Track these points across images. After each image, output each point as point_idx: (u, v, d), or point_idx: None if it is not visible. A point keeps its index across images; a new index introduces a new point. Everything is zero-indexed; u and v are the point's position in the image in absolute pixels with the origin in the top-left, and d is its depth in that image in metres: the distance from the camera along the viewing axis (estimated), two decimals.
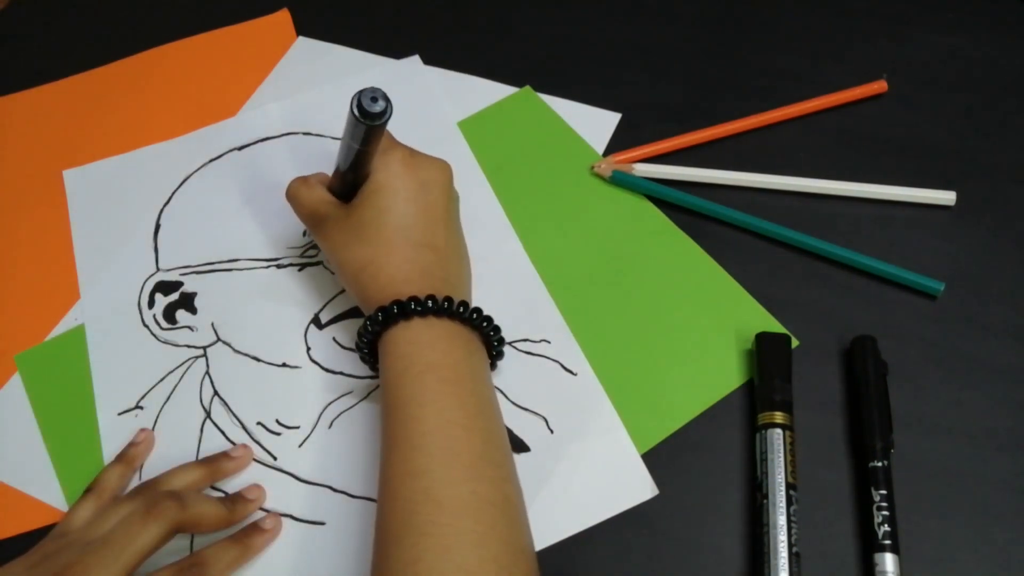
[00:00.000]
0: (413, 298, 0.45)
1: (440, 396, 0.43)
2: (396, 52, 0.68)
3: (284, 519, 0.49)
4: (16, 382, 0.55)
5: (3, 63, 0.73)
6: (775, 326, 0.52)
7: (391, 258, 0.48)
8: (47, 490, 0.51)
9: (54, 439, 0.53)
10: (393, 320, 0.45)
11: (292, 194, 0.53)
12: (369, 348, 0.48)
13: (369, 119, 0.44)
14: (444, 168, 0.51)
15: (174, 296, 0.57)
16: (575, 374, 0.52)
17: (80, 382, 0.55)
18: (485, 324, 0.47)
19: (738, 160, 0.59)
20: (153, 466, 0.51)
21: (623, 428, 0.50)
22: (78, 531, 0.45)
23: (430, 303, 0.45)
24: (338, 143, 0.62)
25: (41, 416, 0.54)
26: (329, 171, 0.53)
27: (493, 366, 0.50)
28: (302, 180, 0.53)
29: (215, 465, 0.50)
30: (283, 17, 0.72)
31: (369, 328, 0.46)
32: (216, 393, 0.53)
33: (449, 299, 0.46)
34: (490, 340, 0.48)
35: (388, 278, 0.47)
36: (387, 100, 0.44)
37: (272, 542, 0.48)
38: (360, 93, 0.43)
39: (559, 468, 0.49)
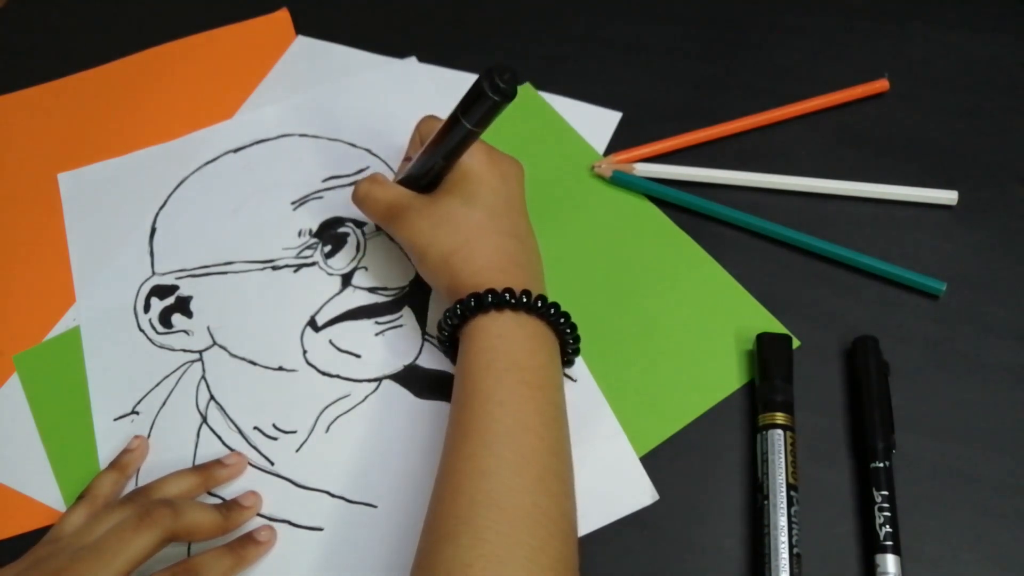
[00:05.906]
0: (508, 289, 0.45)
1: (520, 399, 0.42)
2: (395, 51, 0.68)
3: (281, 525, 0.48)
4: (14, 383, 0.55)
5: None
6: (776, 326, 0.52)
7: (483, 244, 0.47)
8: (45, 491, 0.51)
9: (52, 439, 0.53)
10: (485, 308, 0.45)
11: (364, 194, 0.52)
12: (451, 334, 0.47)
13: (501, 95, 0.43)
14: (519, 164, 0.52)
15: (170, 300, 0.57)
16: (575, 380, 0.51)
17: (78, 382, 0.54)
18: (569, 331, 0.47)
19: (739, 159, 0.59)
20: (149, 471, 0.51)
21: (623, 435, 0.49)
22: (70, 537, 0.44)
23: (523, 298, 0.45)
24: (335, 143, 0.62)
25: (39, 416, 0.54)
26: (325, 170, 0.52)
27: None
28: (370, 180, 0.52)
29: (209, 472, 0.49)
30: (282, 16, 0.72)
31: (459, 312, 0.45)
32: (212, 398, 0.53)
33: (542, 297, 0.45)
34: (567, 346, 0.47)
35: (483, 263, 0.47)
36: (515, 76, 0.43)
37: (266, 554, 0.47)
38: (492, 68, 0.42)
39: None
